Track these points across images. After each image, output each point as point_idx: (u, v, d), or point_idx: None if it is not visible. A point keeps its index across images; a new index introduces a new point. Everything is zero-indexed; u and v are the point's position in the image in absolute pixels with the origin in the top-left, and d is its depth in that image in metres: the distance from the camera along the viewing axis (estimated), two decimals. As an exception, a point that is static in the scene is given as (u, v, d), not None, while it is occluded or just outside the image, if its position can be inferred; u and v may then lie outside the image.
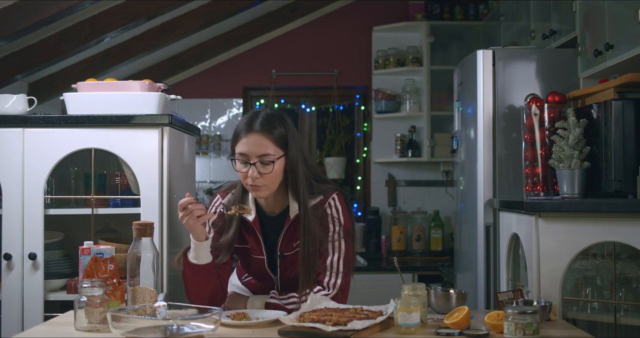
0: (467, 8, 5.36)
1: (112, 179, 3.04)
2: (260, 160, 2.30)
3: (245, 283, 2.60)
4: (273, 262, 2.46)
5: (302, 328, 2.00)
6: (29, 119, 2.89)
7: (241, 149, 2.31)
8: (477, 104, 3.34)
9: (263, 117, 2.33)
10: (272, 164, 2.30)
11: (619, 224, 2.45)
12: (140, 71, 5.28)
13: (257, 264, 2.47)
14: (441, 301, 2.28)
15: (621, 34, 2.77)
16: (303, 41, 5.61)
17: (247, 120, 2.34)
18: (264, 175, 2.30)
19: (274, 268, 2.46)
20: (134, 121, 2.85)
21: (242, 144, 2.31)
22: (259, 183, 2.31)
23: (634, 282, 2.60)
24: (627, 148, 2.75)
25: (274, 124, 2.32)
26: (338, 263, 2.38)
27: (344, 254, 2.39)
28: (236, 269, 2.67)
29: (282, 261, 2.44)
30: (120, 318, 1.93)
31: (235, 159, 2.34)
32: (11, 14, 3.34)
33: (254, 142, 2.29)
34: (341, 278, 2.38)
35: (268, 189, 2.35)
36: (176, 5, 4.00)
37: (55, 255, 2.98)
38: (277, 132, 2.32)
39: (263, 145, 2.30)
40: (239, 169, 2.33)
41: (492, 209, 3.29)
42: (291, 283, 2.44)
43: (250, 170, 2.30)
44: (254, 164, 2.30)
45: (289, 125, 2.37)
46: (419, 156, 5.30)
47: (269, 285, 2.48)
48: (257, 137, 2.30)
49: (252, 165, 2.30)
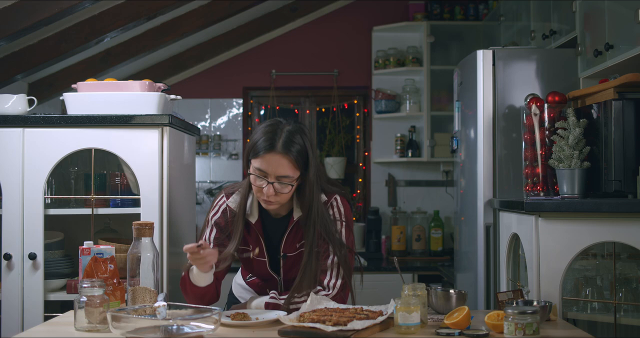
0: (467, 8, 5.36)
1: (112, 179, 3.04)
2: (278, 181, 2.28)
3: (249, 283, 2.60)
4: (276, 263, 2.45)
5: (302, 328, 2.00)
6: (29, 119, 2.89)
7: (260, 165, 2.28)
8: (477, 104, 3.34)
9: (286, 135, 2.28)
10: (290, 186, 2.30)
11: (619, 224, 2.45)
12: (140, 71, 5.28)
13: (259, 266, 2.47)
14: (441, 301, 2.28)
15: (621, 34, 2.77)
16: (303, 41, 5.61)
17: (270, 136, 2.28)
18: (279, 194, 2.29)
19: (277, 269, 2.46)
20: (134, 121, 2.85)
21: (262, 161, 2.27)
22: (273, 199, 2.31)
23: (634, 282, 2.60)
24: (627, 148, 2.75)
25: (295, 144, 2.28)
26: (339, 263, 2.37)
27: (345, 255, 2.38)
28: (240, 269, 2.67)
29: (285, 262, 2.44)
30: (120, 318, 1.93)
31: (251, 173, 2.31)
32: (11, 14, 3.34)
33: (275, 163, 2.26)
34: (341, 279, 2.37)
35: (280, 204, 2.35)
36: (176, 5, 4.00)
37: (55, 255, 2.98)
38: (298, 153, 2.28)
39: (283, 167, 2.27)
40: (254, 181, 2.31)
41: (492, 209, 3.29)
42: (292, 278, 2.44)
43: (267, 188, 2.28)
44: (272, 183, 2.28)
45: (309, 143, 2.33)
46: (419, 156, 5.30)
47: (273, 285, 2.48)
48: (278, 158, 2.26)
49: (270, 183, 2.28)
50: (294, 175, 2.29)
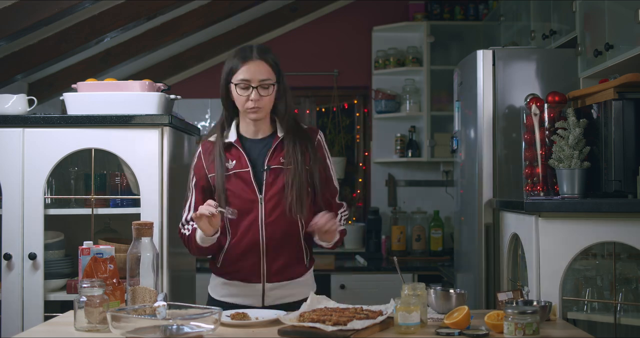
0: (467, 8, 5.36)
1: (112, 179, 3.04)
2: (261, 84, 2.50)
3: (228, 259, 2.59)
4: (258, 175, 2.54)
5: (301, 328, 2.00)
6: (29, 119, 2.89)
7: (243, 76, 2.50)
8: (477, 104, 3.34)
9: (257, 47, 2.55)
10: (272, 87, 2.52)
11: (619, 224, 2.45)
12: (140, 71, 5.28)
13: (241, 181, 2.52)
14: (441, 301, 2.28)
15: (621, 34, 2.77)
16: (303, 41, 5.60)
17: (242, 52, 2.53)
18: (263, 97, 2.50)
19: (260, 181, 2.52)
20: (134, 121, 2.85)
21: (244, 71, 2.50)
22: (259, 105, 2.50)
23: (634, 282, 2.60)
24: (627, 148, 2.75)
25: (268, 52, 2.55)
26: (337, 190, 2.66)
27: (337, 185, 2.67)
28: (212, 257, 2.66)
29: (268, 173, 2.52)
30: (120, 318, 1.93)
31: (236, 86, 2.51)
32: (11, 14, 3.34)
33: (255, 69, 2.50)
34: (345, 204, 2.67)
35: (264, 111, 2.54)
36: (176, 5, 4.00)
37: (55, 255, 2.98)
38: (272, 60, 2.54)
39: (263, 71, 2.51)
40: (239, 94, 2.51)
41: (492, 209, 3.29)
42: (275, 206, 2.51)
43: (253, 93, 2.49)
44: (256, 87, 2.49)
45: (276, 56, 2.58)
46: (419, 156, 5.30)
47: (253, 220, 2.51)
48: (257, 63, 2.51)
49: (254, 88, 2.49)
50: (273, 78, 2.52)
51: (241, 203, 2.51)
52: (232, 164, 2.54)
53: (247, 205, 2.51)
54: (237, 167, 2.53)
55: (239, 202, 2.51)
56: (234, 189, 2.52)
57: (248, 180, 2.52)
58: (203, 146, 2.63)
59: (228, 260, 2.57)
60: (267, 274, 2.53)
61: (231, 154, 2.56)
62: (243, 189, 2.52)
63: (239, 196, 2.52)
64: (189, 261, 3.32)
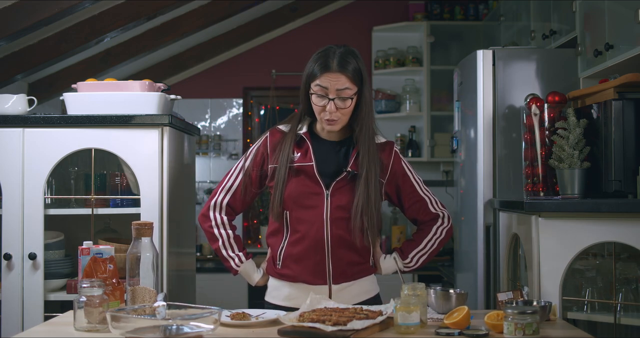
0: (467, 8, 5.36)
1: (112, 179, 3.04)
2: (338, 96, 2.38)
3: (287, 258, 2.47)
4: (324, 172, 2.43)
5: (301, 328, 2.00)
6: (29, 119, 2.89)
7: (321, 83, 2.39)
8: (477, 104, 3.34)
9: (339, 56, 2.43)
10: (351, 99, 2.40)
11: (619, 224, 2.45)
12: (140, 71, 5.28)
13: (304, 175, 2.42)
14: (441, 301, 2.28)
15: (621, 34, 2.77)
16: (303, 41, 5.60)
17: (324, 60, 2.42)
18: (340, 109, 2.39)
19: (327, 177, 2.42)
20: (134, 121, 2.85)
21: (322, 80, 2.38)
22: (334, 117, 2.40)
23: (634, 282, 2.60)
24: (627, 148, 2.75)
25: (349, 63, 2.42)
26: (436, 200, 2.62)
27: None
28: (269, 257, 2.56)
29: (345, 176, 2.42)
30: (120, 318, 1.93)
31: (313, 93, 2.40)
32: (11, 14, 3.34)
33: (334, 81, 2.38)
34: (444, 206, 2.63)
35: (340, 123, 2.44)
36: (176, 5, 4.01)
37: (55, 255, 2.98)
38: (353, 70, 2.41)
39: (341, 81, 2.38)
40: (316, 102, 2.40)
41: (492, 209, 3.29)
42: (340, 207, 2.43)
43: (329, 105, 2.38)
44: (332, 99, 2.38)
45: (361, 62, 2.47)
46: (419, 156, 5.30)
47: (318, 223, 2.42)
48: (336, 75, 2.39)
49: (331, 100, 2.37)
50: (353, 89, 2.40)
51: (303, 197, 2.41)
52: (296, 156, 2.44)
53: (311, 200, 2.42)
54: (300, 160, 2.43)
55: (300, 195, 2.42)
56: (296, 181, 2.42)
57: (311, 173, 2.42)
58: (271, 134, 2.52)
59: (288, 259, 2.45)
60: (332, 275, 2.44)
61: (299, 147, 2.46)
62: (305, 183, 2.42)
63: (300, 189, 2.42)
64: (189, 261, 3.32)
